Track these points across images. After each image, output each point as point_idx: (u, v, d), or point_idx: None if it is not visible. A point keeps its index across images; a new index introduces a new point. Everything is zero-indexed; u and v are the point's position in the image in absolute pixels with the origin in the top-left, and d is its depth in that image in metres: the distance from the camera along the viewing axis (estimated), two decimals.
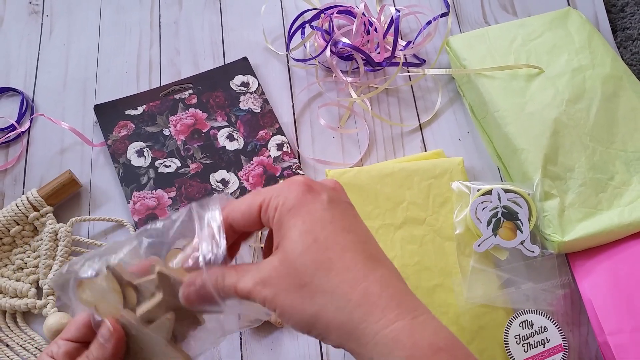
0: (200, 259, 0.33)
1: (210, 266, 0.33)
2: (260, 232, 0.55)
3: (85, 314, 0.35)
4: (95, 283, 0.34)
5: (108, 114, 0.62)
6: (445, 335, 0.30)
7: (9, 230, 0.54)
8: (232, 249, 0.36)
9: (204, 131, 0.61)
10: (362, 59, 0.63)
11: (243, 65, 0.65)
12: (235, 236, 0.36)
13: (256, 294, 0.31)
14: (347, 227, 0.31)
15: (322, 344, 0.51)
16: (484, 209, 0.52)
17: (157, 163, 0.59)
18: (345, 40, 0.63)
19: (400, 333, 0.28)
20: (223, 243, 0.33)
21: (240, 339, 0.51)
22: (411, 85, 0.65)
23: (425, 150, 0.61)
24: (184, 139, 0.60)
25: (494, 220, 0.51)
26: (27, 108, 0.64)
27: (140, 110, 0.62)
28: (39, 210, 0.55)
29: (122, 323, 0.33)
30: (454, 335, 0.30)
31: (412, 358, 0.28)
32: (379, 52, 0.64)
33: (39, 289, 0.53)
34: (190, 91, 0.63)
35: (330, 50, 0.62)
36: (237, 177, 0.58)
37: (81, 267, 0.35)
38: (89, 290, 0.34)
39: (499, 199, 0.52)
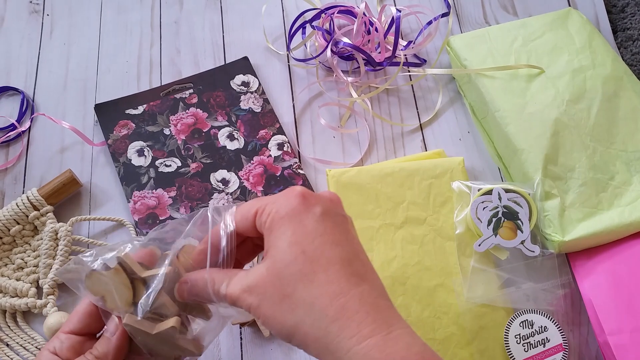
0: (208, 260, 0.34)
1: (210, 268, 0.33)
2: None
3: (87, 304, 0.36)
4: (105, 276, 0.34)
5: (108, 113, 0.62)
6: (417, 349, 0.29)
7: (9, 230, 0.54)
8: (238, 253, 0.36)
9: (204, 131, 0.61)
10: (363, 59, 0.63)
11: (244, 65, 0.65)
12: (235, 240, 0.36)
13: (242, 301, 0.32)
14: (337, 241, 0.32)
15: None
16: (484, 208, 0.52)
17: (157, 162, 0.58)
18: (345, 40, 0.63)
19: (372, 349, 0.28)
20: (227, 248, 0.34)
21: (241, 338, 0.51)
22: (412, 85, 0.65)
23: (426, 150, 0.61)
24: (184, 138, 0.60)
25: (494, 220, 0.51)
26: (27, 107, 0.64)
27: (140, 109, 0.62)
28: (39, 210, 0.55)
29: (131, 329, 0.34)
30: (427, 347, 0.30)
31: None
32: (379, 52, 0.64)
33: (39, 288, 0.53)
34: (191, 91, 0.63)
35: (331, 50, 0.62)
36: (238, 176, 0.58)
37: (93, 260, 0.35)
38: (99, 282, 0.34)
39: (500, 198, 0.52)
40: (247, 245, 0.37)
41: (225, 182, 0.58)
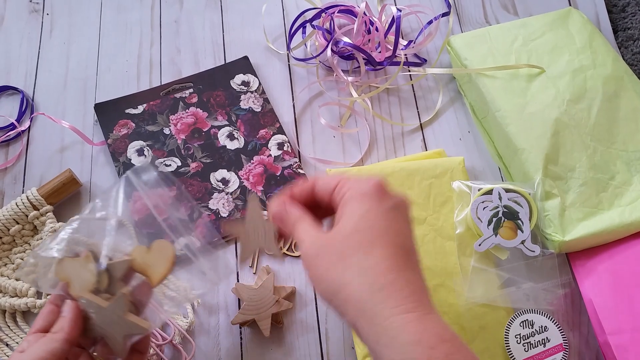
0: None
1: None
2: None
3: (49, 304, 0.40)
4: (74, 262, 0.39)
5: (108, 112, 0.61)
6: (451, 332, 0.32)
7: (8, 230, 0.54)
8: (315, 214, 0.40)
9: (204, 130, 0.61)
10: (363, 59, 0.63)
11: (244, 65, 0.65)
12: (311, 203, 0.40)
13: (304, 247, 0.36)
14: (400, 232, 0.35)
15: (322, 343, 0.51)
16: (484, 208, 0.52)
17: (157, 162, 0.58)
18: (346, 39, 0.62)
19: (411, 322, 0.31)
20: None
21: (241, 338, 0.51)
22: (412, 84, 0.65)
23: (426, 150, 0.61)
24: (184, 138, 0.60)
25: (494, 219, 0.51)
26: (27, 107, 0.64)
27: (140, 109, 0.62)
28: (38, 209, 0.55)
29: (86, 303, 0.38)
30: (458, 335, 0.33)
31: (418, 343, 0.30)
32: (379, 52, 0.64)
33: None
34: (191, 90, 0.63)
35: (331, 50, 0.62)
36: (238, 176, 0.58)
37: (57, 249, 0.40)
38: (67, 269, 0.39)
39: (500, 198, 0.52)
40: (319, 211, 0.41)
41: (225, 181, 0.58)
